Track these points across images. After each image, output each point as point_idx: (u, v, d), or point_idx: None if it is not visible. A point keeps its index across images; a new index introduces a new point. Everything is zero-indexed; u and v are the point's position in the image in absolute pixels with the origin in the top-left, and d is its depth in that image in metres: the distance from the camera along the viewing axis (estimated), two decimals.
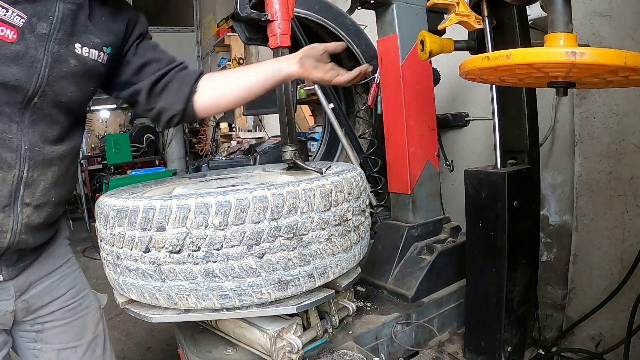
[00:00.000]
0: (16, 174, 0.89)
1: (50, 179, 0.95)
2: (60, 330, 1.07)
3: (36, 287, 1.03)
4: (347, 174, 1.13)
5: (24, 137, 0.89)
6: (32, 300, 1.02)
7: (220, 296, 0.98)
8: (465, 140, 2.42)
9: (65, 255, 1.12)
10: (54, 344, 1.06)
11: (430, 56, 1.42)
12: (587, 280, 1.83)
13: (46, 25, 0.87)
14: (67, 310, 1.08)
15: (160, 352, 2.49)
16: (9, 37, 0.83)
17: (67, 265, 1.11)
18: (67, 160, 1.00)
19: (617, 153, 1.72)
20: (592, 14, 1.72)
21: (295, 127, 1.43)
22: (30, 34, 0.85)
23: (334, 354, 1.21)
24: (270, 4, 1.32)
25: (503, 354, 1.36)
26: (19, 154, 0.89)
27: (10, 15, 0.82)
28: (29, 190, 0.92)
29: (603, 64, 0.77)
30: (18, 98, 0.87)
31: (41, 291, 1.04)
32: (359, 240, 1.17)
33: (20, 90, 0.86)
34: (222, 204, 0.94)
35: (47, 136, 0.93)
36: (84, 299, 1.13)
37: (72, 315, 1.09)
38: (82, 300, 1.12)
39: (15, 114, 0.87)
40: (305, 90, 3.26)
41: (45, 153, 0.93)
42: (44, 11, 0.87)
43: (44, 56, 0.88)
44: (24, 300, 1.00)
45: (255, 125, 4.92)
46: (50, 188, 0.96)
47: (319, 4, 1.89)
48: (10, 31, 0.83)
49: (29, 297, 1.01)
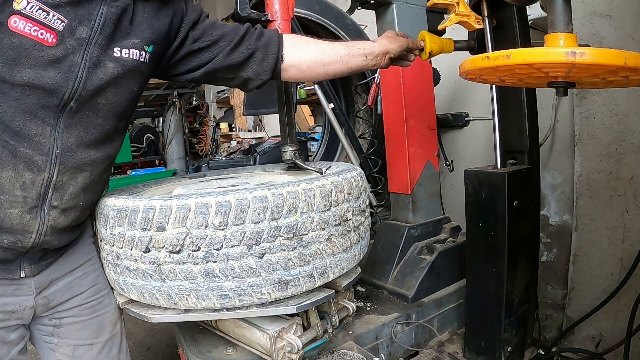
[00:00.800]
0: (45, 177, 0.90)
1: (80, 184, 0.96)
2: (78, 327, 1.09)
3: (57, 284, 1.04)
4: (347, 174, 1.13)
5: (57, 140, 0.89)
6: (53, 297, 1.04)
7: (220, 296, 0.98)
8: (465, 140, 2.42)
9: (89, 253, 1.13)
10: (70, 340, 1.08)
11: (430, 56, 1.42)
12: (587, 280, 1.83)
13: (87, 29, 0.86)
14: (86, 308, 1.09)
15: (160, 352, 2.49)
16: (48, 41, 0.82)
17: (89, 263, 1.12)
18: (101, 167, 1.00)
19: (617, 153, 1.72)
20: (592, 14, 1.72)
21: (295, 127, 1.43)
22: (70, 37, 0.85)
23: (334, 354, 1.21)
24: (270, 4, 1.32)
25: (503, 354, 1.36)
26: (50, 157, 0.89)
27: (50, 18, 0.82)
28: (57, 194, 0.92)
29: (603, 64, 0.77)
30: (54, 102, 0.86)
31: (62, 288, 1.05)
32: (359, 240, 1.17)
33: (56, 94, 0.86)
34: (222, 204, 0.94)
35: (83, 140, 0.93)
36: (104, 298, 1.13)
37: (91, 313, 1.10)
38: (102, 299, 1.13)
39: (50, 117, 0.87)
40: (305, 90, 3.27)
41: (77, 158, 0.93)
42: (86, 15, 0.86)
43: (82, 60, 0.87)
44: (44, 296, 1.02)
45: (255, 125, 4.93)
46: (80, 193, 0.97)
47: (319, 4, 1.89)
48: (50, 35, 0.82)
49: (49, 294, 1.03)
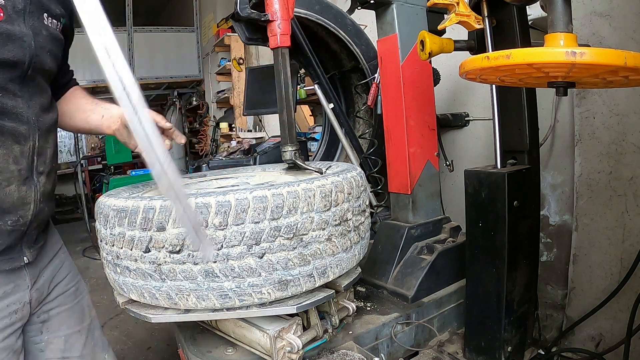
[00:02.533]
0: (31, 145, 0.94)
1: (52, 146, 1.02)
2: (66, 315, 1.12)
3: (44, 275, 1.07)
4: (347, 174, 1.13)
5: (30, 108, 0.93)
6: (42, 289, 1.07)
7: (220, 296, 0.98)
8: (465, 140, 2.42)
9: (59, 240, 1.18)
10: (60, 331, 1.11)
11: (430, 56, 1.42)
12: (587, 280, 1.83)
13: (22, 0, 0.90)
14: (68, 295, 1.14)
15: (160, 352, 2.49)
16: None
17: (61, 251, 1.17)
18: (56, 127, 1.07)
19: (617, 153, 1.72)
20: (592, 14, 1.72)
21: (295, 127, 1.43)
22: (12, 10, 0.88)
23: (334, 354, 1.21)
24: (270, 4, 1.32)
25: (503, 354, 1.36)
26: (30, 125, 0.93)
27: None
28: (41, 159, 0.97)
29: (603, 64, 0.77)
30: (18, 73, 0.90)
31: (47, 278, 1.08)
32: (359, 240, 1.17)
33: (18, 65, 0.90)
34: (222, 204, 0.94)
35: (43, 105, 0.99)
36: (79, 284, 1.19)
37: (73, 299, 1.15)
38: (78, 284, 1.19)
39: (17, 89, 0.91)
40: (305, 90, 3.27)
41: (46, 122, 0.99)
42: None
43: (27, 30, 0.91)
44: (36, 289, 1.04)
45: (255, 125, 4.93)
46: (53, 155, 1.03)
47: (319, 4, 1.89)
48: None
49: (40, 286, 1.06)
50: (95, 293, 3.43)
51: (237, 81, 5.13)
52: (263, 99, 2.92)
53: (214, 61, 6.19)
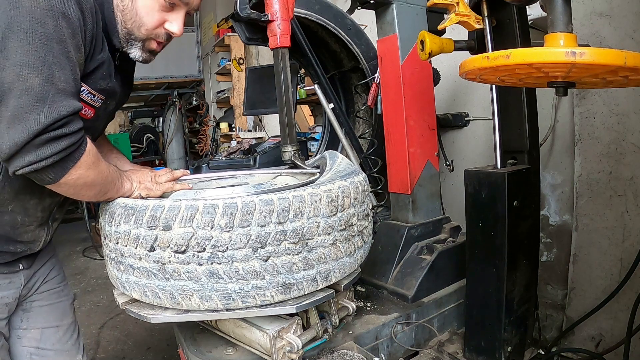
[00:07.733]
0: (57, 200, 1.11)
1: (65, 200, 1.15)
2: (46, 310, 1.23)
3: (37, 275, 1.20)
4: (354, 179, 1.13)
5: None
6: (32, 286, 1.19)
7: (223, 297, 0.98)
8: (465, 140, 2.42)
9: (53, 249, 1.30)
10: (38, 323, 1.21)
11: (430, 56, 1.42)
12: (587, 280, 1.83)
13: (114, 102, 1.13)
14: (53, 293, 1.25)
15: (160, 352, 2.49)
16: (88, 115, 1.02)
17: (54, 255, 1.30)
18: None
19: (617, 153, 1.72)
20: (592, 14, 1.72)
21: (295, 127, 1.43)
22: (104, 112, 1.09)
23: (334, 354, 1.21)
24: (270, 4, 1.32)
25: (503, 354, 1.36)
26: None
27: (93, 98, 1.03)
28: (59, 210, 1.16)
29: (603, 64, 0.77)
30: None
31: (39, 278, 1.21)
32: (362, 245, 1.16)
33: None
34: (229, 205, 0.94)
35: None
36: (65, 287, 1.31)
37: (57, 298, 1.26)
38: (64, 287, 1.31)
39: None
40: (305, 90, 3.27)
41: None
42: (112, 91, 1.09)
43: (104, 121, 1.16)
44: (27, 287, 1.16)
45: (255, 125, 4.93)
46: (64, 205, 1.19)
47: (319, 4, 1.89)
48: (90, 111, 1.03)
49: (31, 284, 1.18)
50: (95, 293, 3.43)
51: (237, 81, 5.12)
52: (263, 99, 2.92)
53: (214, 61, 6.18)
